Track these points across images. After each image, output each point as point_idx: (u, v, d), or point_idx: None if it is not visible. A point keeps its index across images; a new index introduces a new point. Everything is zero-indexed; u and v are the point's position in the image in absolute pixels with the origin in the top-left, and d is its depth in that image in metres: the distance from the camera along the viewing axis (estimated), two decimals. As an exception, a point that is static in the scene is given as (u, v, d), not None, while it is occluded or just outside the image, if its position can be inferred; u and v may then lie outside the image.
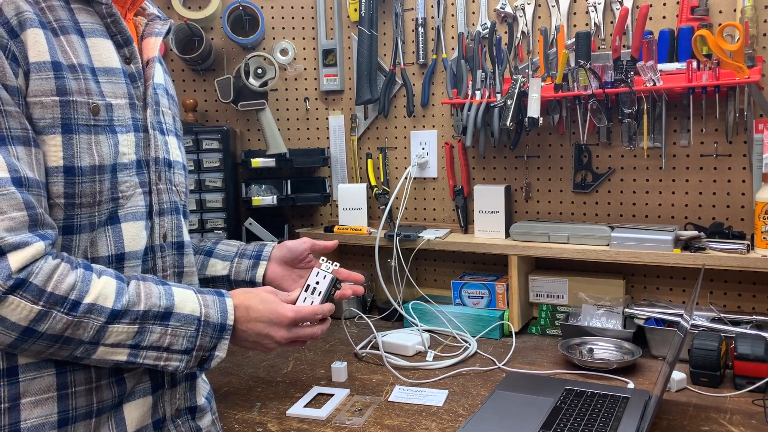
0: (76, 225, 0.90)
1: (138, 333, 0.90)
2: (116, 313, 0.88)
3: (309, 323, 1.08)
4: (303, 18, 2.08)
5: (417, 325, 1.74)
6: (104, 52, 0.95)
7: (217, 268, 1.23)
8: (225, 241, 1.29)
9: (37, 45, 0.86)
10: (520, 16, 1.81)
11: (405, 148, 2.03)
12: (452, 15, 1.91)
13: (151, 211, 0.99)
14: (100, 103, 0.91)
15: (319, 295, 1.10)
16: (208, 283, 1.25)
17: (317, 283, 1.12)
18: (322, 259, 1.15)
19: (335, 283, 1.13)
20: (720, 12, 1.61)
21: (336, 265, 1.15)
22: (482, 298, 1.80)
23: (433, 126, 1.99)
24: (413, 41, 1.96)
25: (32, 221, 0.84)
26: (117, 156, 0.93)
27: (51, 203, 0.88)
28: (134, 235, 0.97)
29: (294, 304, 1.09)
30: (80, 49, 0.91)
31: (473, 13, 1.88)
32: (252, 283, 1.24)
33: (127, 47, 0.98)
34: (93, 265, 0.91)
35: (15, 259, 0.81)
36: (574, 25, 1.77)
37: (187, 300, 0.95)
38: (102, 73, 0.93)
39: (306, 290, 1.11)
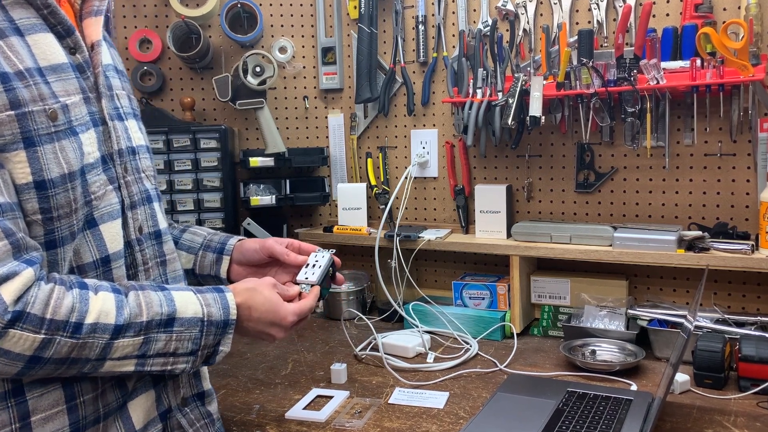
0: (58, 238, 0.88)
1: (144, 343, 0.89)
2: (120, 328, 0.87)
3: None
4: (302, 15, 2.07)
5: (417, 327, 1.72)
6: (48, 48, 0.89)
7: (182, 261, 1.18)
8: (192, 229, 1.24)
9: None
10: (522, 14, 1.80)
11: (405, 147, 2.02)
12: (453, 12, 1.90)
13: (123, 206, 0.97)
14: (56, 106, 0.86)
15: (319, 268, 1.13)
16: None
17: (316, 260, 1.15)
18: (318, 250, 1.18)
19: (333, 263, 1.17)
20: (724, 9, 1.60)
21: (332, 251, 1.18)
22: (483, 299, 1.79)
23: (434, 125, 1.97)
24: (413, 39, 1.95)
25: (15, 248, 0.81)
26: (83, 157, 0.89)
27: (28, 221, 0.85)
28: (114, 235, 0.95)
29: (292, 301, 1.08)
30: (23, 51, 0.86)
31: (474, 10, 1.87)
32: (217, 278, 1.20)
33: (70, 37, 0.92)
34: (87, 281, 0.88)
35: (7, 292, 0.79)
36: (577, 23, 1.76)
37: (188, 303, 0.94)
38: (50, 72, 0.88)
39: (306, 266, 1.14)
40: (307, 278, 1.13)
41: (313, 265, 1.14)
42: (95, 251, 0.92)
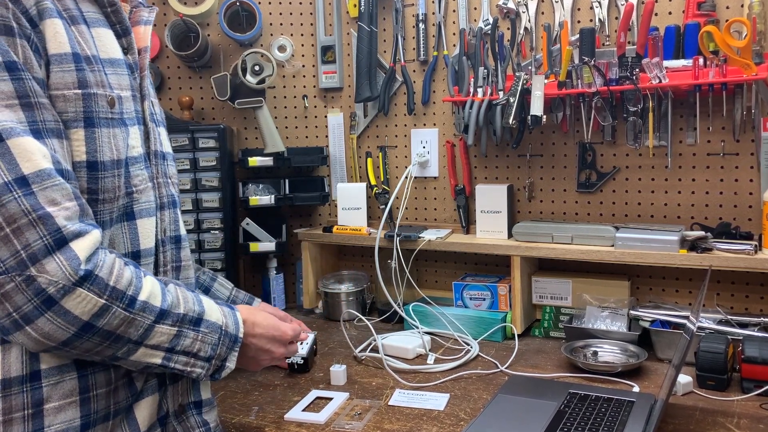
0: (99, 222, 0.90)
1: (176, 336, 0.92)
2: (163, 313, 0.90)
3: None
4: (301, 14, 2.06)
5: (417, 328, 1.71)
6: (108, 43, 0.95)
7: None
8: (219, 281, 1.33)
9: (57, 36, 0.86)
10: (523, 12, 1.79)
11: (405, 146, 2.01)
12: (453, 11, 1.89)
13: (156, 205, 1.01)
14: (114, 95, 0.92)
15: (307, 344, 1.51)
16: None
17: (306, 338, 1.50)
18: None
19: (315, 340, 1.55)
20: (727, 8, 1.59)
21: (315, 333, 1.54)
22: (484, 299, 1.78)
23: (434, 124, 1.96)
24: (414, 37, 1.94)
25: (81, 211, 0.85)
26: (128, 149, 0.94)
27: None
28: (148, 231, 0.98)
29: None
30: (90, 40, 0.91)
31: (475, 8, 1.86)
32: None
33: (126, 37, 0.98)
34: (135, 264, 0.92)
35: (80, 248, 0.82)
36: (578, 21, 1.75)
37: (213, 308, 0.99)
38: (108, 65, 0.93)
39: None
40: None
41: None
42: (128, 244, 0.95)
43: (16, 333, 0.82)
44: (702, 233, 1.55)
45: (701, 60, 1.52)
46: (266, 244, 1.98)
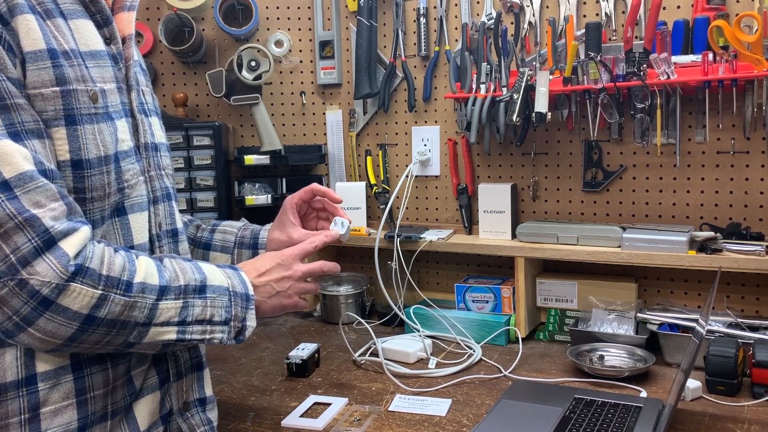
0: (89, 220, 0.89)
1: (183, 308, 0.92)
2: (163, 290, 0.90)
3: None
4: (299, 8, 2.04)
5: (419, 331, 1.70)
6: (88, 35, 0.92)
7: (221, 261, 1.24)
8: (221, 228, 1.29)
9: (30, 33, 0.83)
10: (527, 6, 1.76)
11: (406, 144, 1.99)
12: (456, 5, 1.87)
13: (148, 200, 1.00)
14: (96, 89, 0.90)
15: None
16: None
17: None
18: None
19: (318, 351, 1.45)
20: (737, 1, 1.57)
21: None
22: (487, 302, 1.77)
23: (436, 121, 1.94)
24: (415, 32, 1.92)
25: (69, 210, 0.84)
26: (117, 144, 0.92)
27: None
28: (141, 227, 0.97)
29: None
30: (67, 33, 0.89)
31: (477, 2, 1.84)
32: None
33: (107, 27, 0.96)
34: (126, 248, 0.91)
35: (69, 245, 0.82)
36: (584, 16, 1.73)
37: (214, 272, 0.98)
38: (89, 57, 0.91)
39: None
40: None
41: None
42: (121, 240, 0.95)
43: (21, 335, 0.82)
44: (711, 234, 1.54)
45: (711, 55, 1.50)
46: (263, 245, 1.96)
